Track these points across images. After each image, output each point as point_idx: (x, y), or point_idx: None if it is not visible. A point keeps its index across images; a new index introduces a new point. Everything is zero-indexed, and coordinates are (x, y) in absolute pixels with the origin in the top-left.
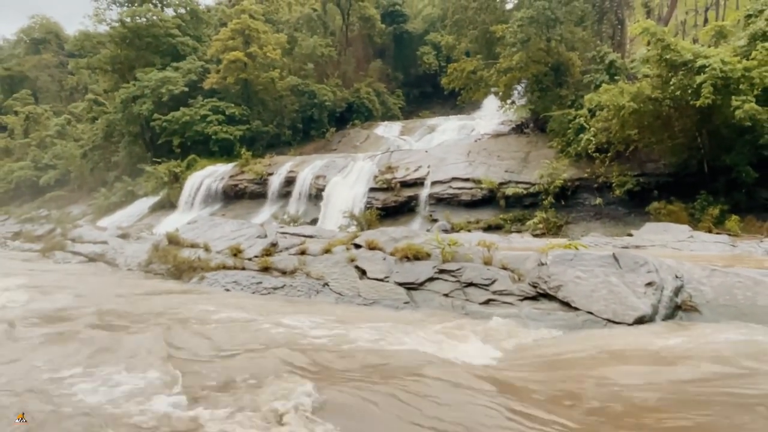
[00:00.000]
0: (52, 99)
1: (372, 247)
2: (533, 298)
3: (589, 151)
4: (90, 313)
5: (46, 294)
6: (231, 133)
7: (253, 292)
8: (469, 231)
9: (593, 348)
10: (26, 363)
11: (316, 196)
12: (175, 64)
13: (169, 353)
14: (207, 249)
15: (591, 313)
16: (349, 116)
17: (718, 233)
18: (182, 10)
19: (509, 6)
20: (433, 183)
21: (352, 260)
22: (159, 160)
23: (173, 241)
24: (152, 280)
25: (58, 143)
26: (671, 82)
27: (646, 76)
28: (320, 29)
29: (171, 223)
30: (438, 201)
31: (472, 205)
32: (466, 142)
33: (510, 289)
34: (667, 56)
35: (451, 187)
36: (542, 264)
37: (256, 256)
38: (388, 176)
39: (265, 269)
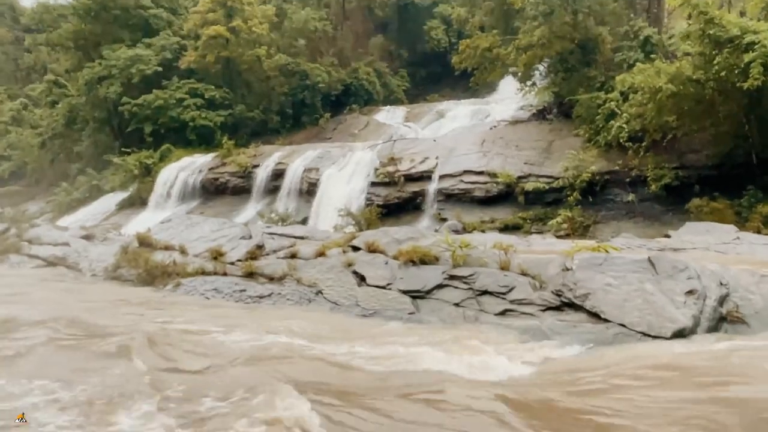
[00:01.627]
0: (6, 80)
1: (372, 250)
2: (557, 309)
3: (621, 141)
4: (48, 325)
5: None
6: (211, 119)
7: (237, 301)
8: (483, 231)
9: (627, 366)
10: None
11: (308, 191)
12: (147, 41)
13: (142, 370)
14: (183, 252)
15: (623, 325)
16: (346, 100)
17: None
18: None
19: None
20: (442, 177)
21: (350, 265)
22: (128, 150)
23: (144, 242)
24: (120, 288)
25: (13, 131)
26: (715, 62)
27: (687, 54)
28: (313, 0)
29: (142, 222)
30: (447, 197)
31: (487, 201)
32: (480, 130)
33: (530, 298)
34: (711, 31)
35: (462, 181)
36: (567, 269)
37: (239, 260)
38: (391, 169)
39: (250, 275)
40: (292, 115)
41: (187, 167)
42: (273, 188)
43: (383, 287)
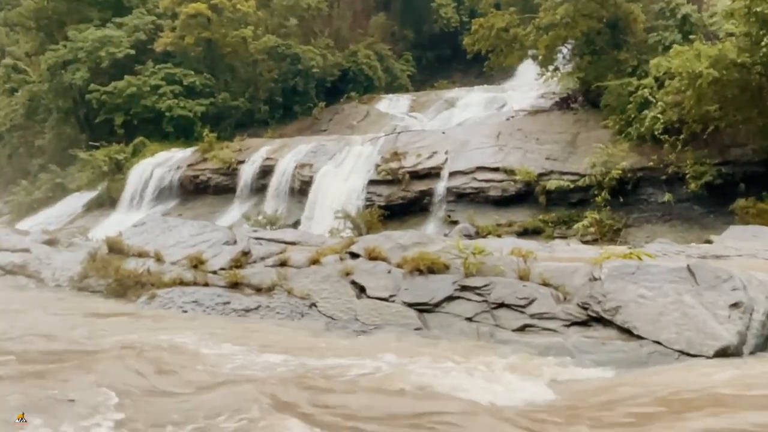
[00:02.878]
0: None
1: (373, 257)
2: (583, 324)
3: (656, 133)
4: (9, 344)
5: None
6: (190, 108)
7: (219, 315)
8: (499, 236)
9: (665, 391)
10: None
11: (300, 190)
12: (118, 20)
13: (113, 394)
14: (159, 259)
15: (659, 342)
16: (344, 87)
17: None
18: None
19: None
20: (453, 174)
21: (348, 274)
22: (97, 144)
23: (115, 248)
24: (88, 300)
25: None
26: (763, 43)
27: (731, 35)
28: None
29: (112, 225)
30: (459, 197)
31: (503, 202)
32: (496, 121)
33: (553, 312)
34: (758, 9)
35: (475, 179)
36: (595, 279)
37: (222, 269)
38: (394, 165)
39: (235, 285)
40: (282, 104)
41: (163, 163)
42: (260, 187)
43: (386, 299)
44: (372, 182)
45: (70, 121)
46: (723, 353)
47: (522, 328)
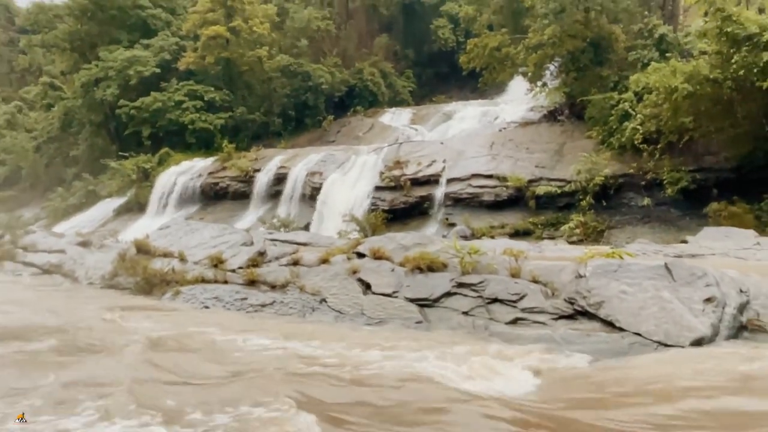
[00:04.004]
0: (0, 82)
1: (378, 257)
2: (570, 317)
3: (636, 143)
4: (48, 335)
5: None
6: (211, 122)
7: (238, 310)
8: (492, 237)
9: (644, 378)
10: None
11: (311, 196)
12: (144, 41)
13: (140, 380)
14: (182, 259)
15: (639, 334)
16: (350, 102)
17: None
18: None
19: None
20: (450, 180)
21: (355, 272)
22: (126, 154)
23: (143, 249)
24: (118, 296)
25: (7, 134)
26: (733, 60)
27: (703, 53)
28: (315, 0)
29: (140, 228)
30: (455, 202)
31: (496, 206)
32: (489, 132)
33: (542, 306)
34: (729, 29)
35: (470, 185)
36: (580, 276)
37: (240, 268)
38: (397, 173)
39: (252, 282)
40: (294, 117)
41: (186, 172)
42: (275, 193)
43: (389, 295)
44: (377, 188)
45: (102, 134)
46: (698, 343)
47: (514, 321)
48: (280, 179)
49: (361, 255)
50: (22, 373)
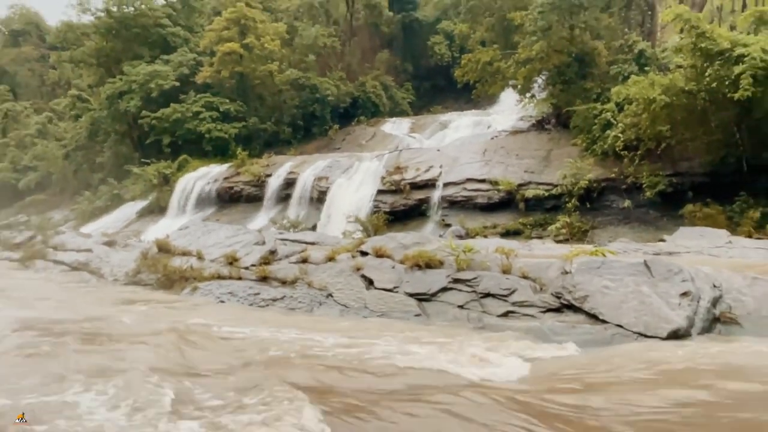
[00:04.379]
0: (32, 95)
1: (380, 255)
2: (556, 310)
3: (617, 149)
4: (77, 326)
5: (27, 305)
6: (226, 131)
7: (251, 304)
8: (485, 237)
9: (625, 366)
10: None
11: (318, 199)
12: (165, 57)
13: (157, 367)
14: (200, 257)
15: (620, 326)
16: (354, 112)
17: (759, 238)
18: None
19: None
20: (446, 184)
21: (358, 269)
22: (147, 161)
23: (163, 248)
24: (141, 291)
25: (39, 143)
26: (707, 73)
27: (679, 66)
28: (322, 18)
29: (161, 229)
30: (451, 204)
31: (489, 208)
32: (482, 140)
33: (531, 300)
34: (702, 45)
35: (465, 188)
36: (566, 272)
37: (253, 265)
38: (397, 177)
39: (264, 279)
40: (302, 126)
41: (203, 177)
42: (285, 196)
43: (390, 290)
44: (378, 192)
45: (125, 142)
46: (674, 335)
47: (505, 314)
48: (289, 183)
49: (364, 253)
50: (55, 360)
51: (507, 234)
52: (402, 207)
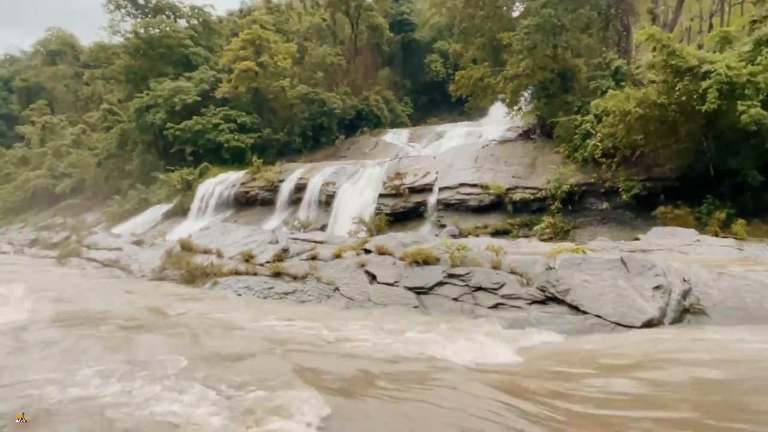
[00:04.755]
0: (67, 109)
1: (382, 252)
2: (542, 302)
3: (596, 157)
4: (111, 317)
5: (67, 299)
6: (242, 141)
7: (265, 297)
8: (477, 236)
9: (602, 352)
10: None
11: (326, 202)
12: (187, 74)
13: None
14: (219, 255)
15: (599, 316)
16: (359, 123)
17: (724, 237)
18: (195, 21)
19: (516, 14)
20: (441, 189)
21: (362, 265)
22: (172, 168)
23: (186, 247)
24: (166, 286)
25: (74, 152)
26: (677, 88)
27: (652, 81)
28: (330, 38)
29: (184, 229)
30: (446, 206)
31: (480, 210)
32: (474, 148)
33: (518, 293)
34: (673, 62)
35: (459, 192)
36: (550, 268)
37: (267, 262)
38: (397, 182)
39: (277, 274)
40: (312, 136)
41: (222, 182)
42: (296, 200)
43: (391, 284)
44: (380, 195)
45: (152, 151)
46: (648, 324)
47: (495, 306)
48: (300, 188)
49: (367, 251)
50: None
51: (496, 233)
52: (402, 209)
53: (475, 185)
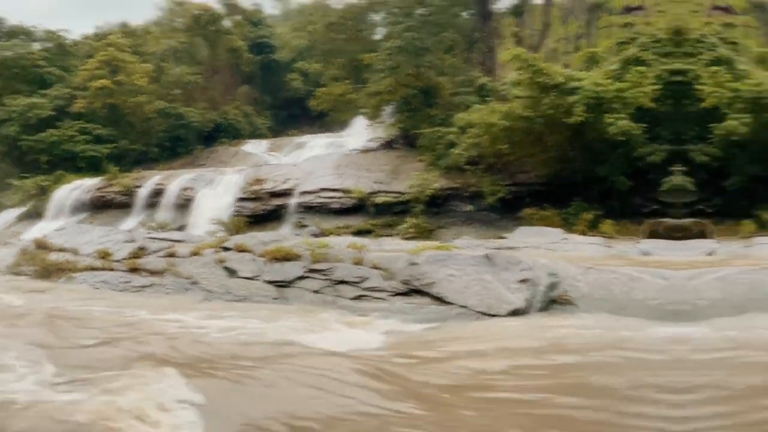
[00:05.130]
0: None
1: (241, 250)
2: (405, 294)
3: (461, 164)
4: None
5: None
6: (98, 150)
7: (122, 290)
8: (339, 235)
9: (466, 337)
10: None
11: (184, 206)
12: (42, 92)
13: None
14: (75, 253)
15: (465, 306)
16: (218, 135)
17: (592, 235)
18: (49, 44)
19: (378, 36)
20: (302, 193)
21: (221, 261)
22: (27, 175)
23: (41, 245)
24: (21, 280)
25: None
26: (543, 102)
27: (518, 97)
28: (187, 60)
29: (39, 230)
30: (307, 209)
31: (343, 212)
32: (335, 157)
33: (381, 286)
34: (539, 79)
35: (320, 196)
36: (414, 264)
37: (124, 259)
38: (257, 188)
39: (134, 270)
40: (169, 147)
41: (78, 188)
42: (153, 203)
43: (251, 278)
44: (240, 199)
45: (6, 160)
46: (515, 313)
47: (358, 297)
48: (157, 193)
49: (227, 249)
50: None
51: (359, 233)
52: (262, 211)
53: (336, 190)
